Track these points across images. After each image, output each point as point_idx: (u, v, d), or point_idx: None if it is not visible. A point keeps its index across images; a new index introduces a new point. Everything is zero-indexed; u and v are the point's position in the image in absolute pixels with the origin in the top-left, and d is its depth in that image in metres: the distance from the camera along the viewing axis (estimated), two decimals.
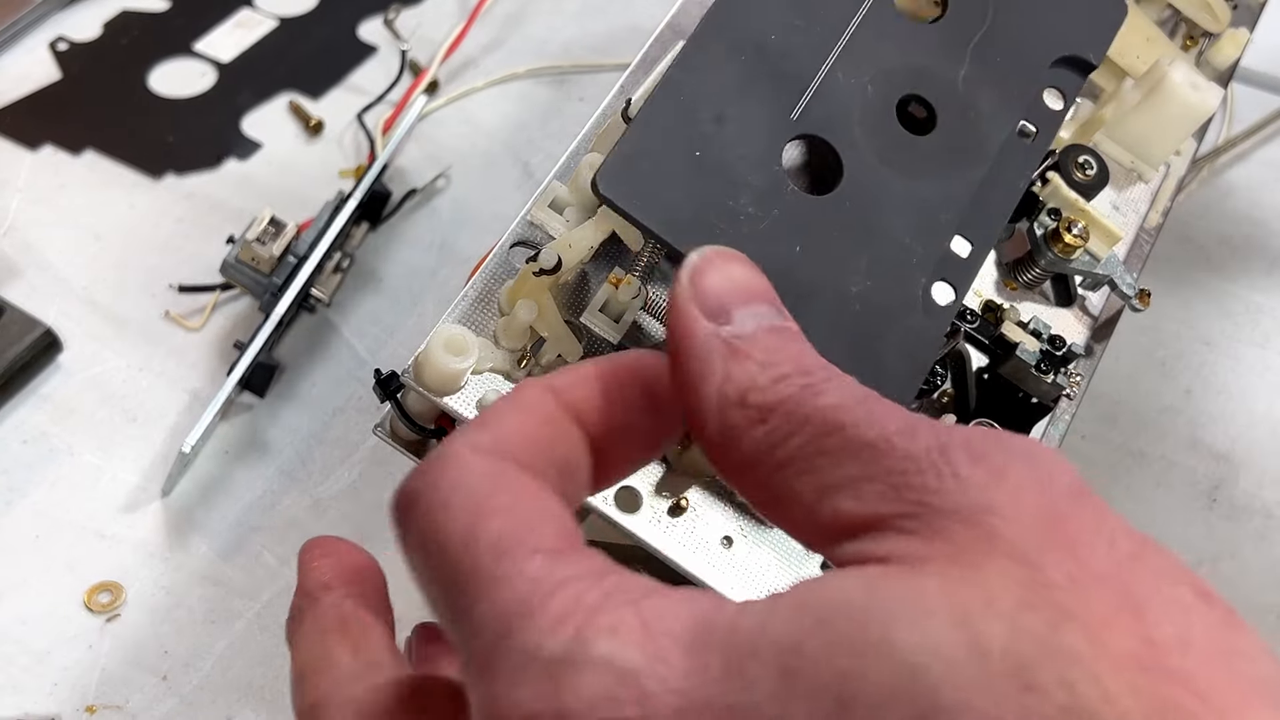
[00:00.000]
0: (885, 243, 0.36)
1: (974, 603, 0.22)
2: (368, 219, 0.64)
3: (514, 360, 0.36)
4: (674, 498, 0.37)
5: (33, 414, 0.56)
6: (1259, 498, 0.57)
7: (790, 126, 0.36)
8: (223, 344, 0.59)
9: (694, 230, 0.34)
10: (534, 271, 0.35)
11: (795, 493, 0.25)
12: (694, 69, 0.35)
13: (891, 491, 0.24)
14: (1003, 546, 0.23)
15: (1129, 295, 0.45)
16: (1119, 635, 0.22)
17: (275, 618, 0.50)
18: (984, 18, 0.38)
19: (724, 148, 0.35)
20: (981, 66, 0.38)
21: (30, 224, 0.63)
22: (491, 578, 0.25)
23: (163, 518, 0.53)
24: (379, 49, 0.74)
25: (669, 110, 0.35)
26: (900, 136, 0.37)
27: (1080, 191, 0.45)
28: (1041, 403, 0.42)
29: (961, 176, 0.37)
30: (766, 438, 0.26)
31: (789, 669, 0.22)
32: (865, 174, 0.36)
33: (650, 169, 0.34)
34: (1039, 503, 0.24)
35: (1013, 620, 0.22)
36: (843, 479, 0.25)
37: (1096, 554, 0.23)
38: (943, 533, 0.23)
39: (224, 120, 0.69)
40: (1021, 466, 0.24)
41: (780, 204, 0.35)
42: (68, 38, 0.72)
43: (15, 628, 0.49)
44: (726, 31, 0.36)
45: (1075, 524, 0.24)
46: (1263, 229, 0.68)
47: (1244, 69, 0.64)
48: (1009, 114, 0.38)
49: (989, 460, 0.24)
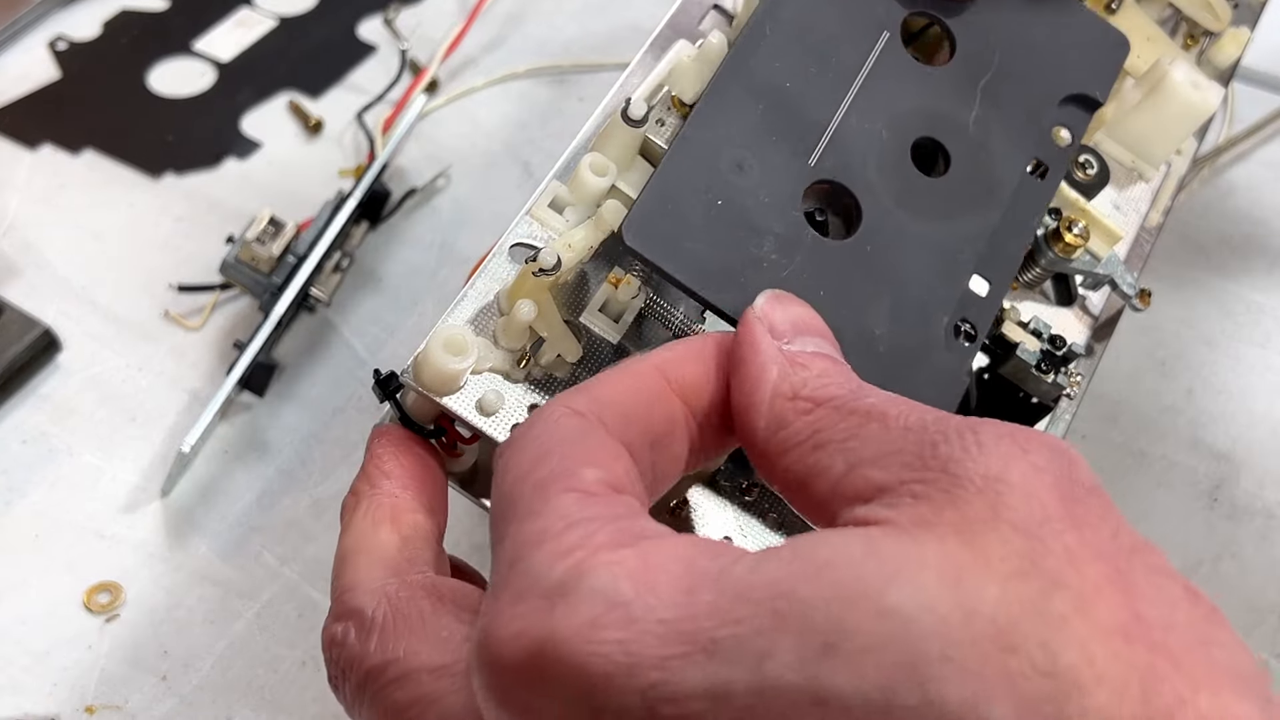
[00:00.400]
0: (906, 284, 0.36)
1: (969, 565, 0.23)
2: (367, 218, 0.64)
3: (513, 360, 0.36)
4: (674, 497, 0.37)
5: (32, 414, 0.56)
6: (1260, 498, 0.57)
7: (808, 173, 0.36)
8: (222, 344, 0.59)
9: (721, 279, 0.34)
10: (533, 271, 0.35)
11: (825, 467, 0.27)
12: (713, 118, 0.36)
13: (917, 460, 0.25)
14: (1008, 515, 0.24)
15: (1129, 295, 0.44)
16: (1108, 606, 0.23)
17: (275, 617, 0.50)
18: (991, 61, 0.39)
19: (745, 195, 0.35)
20: (991, 108, 0.39)
21: (29, 223, 0.63)
22: (529, 510, 0.27)
23: (162, 518, 0.53)
24: (379, 48, 0.74)
25: (690, 160, 0.35)
26: (916, 179, 0.38)
27: (1081, 191, 0.45)
28: (1042, 402, 0.42)
29: (977, 216, 0.38)
30: (810, 424, 0.28)
31: (780, 611, 0.23)
32: (883, 217, 0.37)
33: (674, 219, 0.34)
34: (1053, 483, 0.25)
35: (1004, 585, 0.22)
36: (874, 454, 0.26)
37: (1098, 537, 0.24)
38: (954, 499, 0.24)
39: (223, 120, 0.69)
40: (1045, 451, 0.25)
41: (802, 250, 0.35)
42: (67, 37, 0.72)
43: (15, 628, 0.49)
44: (743, 80, 0.37)
45: (1083, 509, 0.25)
46: (1263, 228, 0.68)
47: (1245, 68, 0.64)
48: (1020, 153, 0.39)
49: (1015, 438, 0.25)
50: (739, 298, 0.34)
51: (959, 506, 0.24)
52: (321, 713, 0.48)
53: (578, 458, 0.27)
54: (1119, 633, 0.22)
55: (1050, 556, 0.23)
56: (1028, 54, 0.40)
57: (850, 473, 0.26)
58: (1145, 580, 0.24)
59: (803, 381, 0.29)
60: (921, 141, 0.38)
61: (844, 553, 0.23)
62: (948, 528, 0.23)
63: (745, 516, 0.38)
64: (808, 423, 0.28)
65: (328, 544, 0.53)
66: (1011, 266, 0.39)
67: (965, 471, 0.24)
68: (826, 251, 0.36)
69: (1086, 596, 0.22)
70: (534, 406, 0.36)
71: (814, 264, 0.35)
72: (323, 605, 0.51)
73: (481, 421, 0.35)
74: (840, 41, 0.38)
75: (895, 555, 0.23)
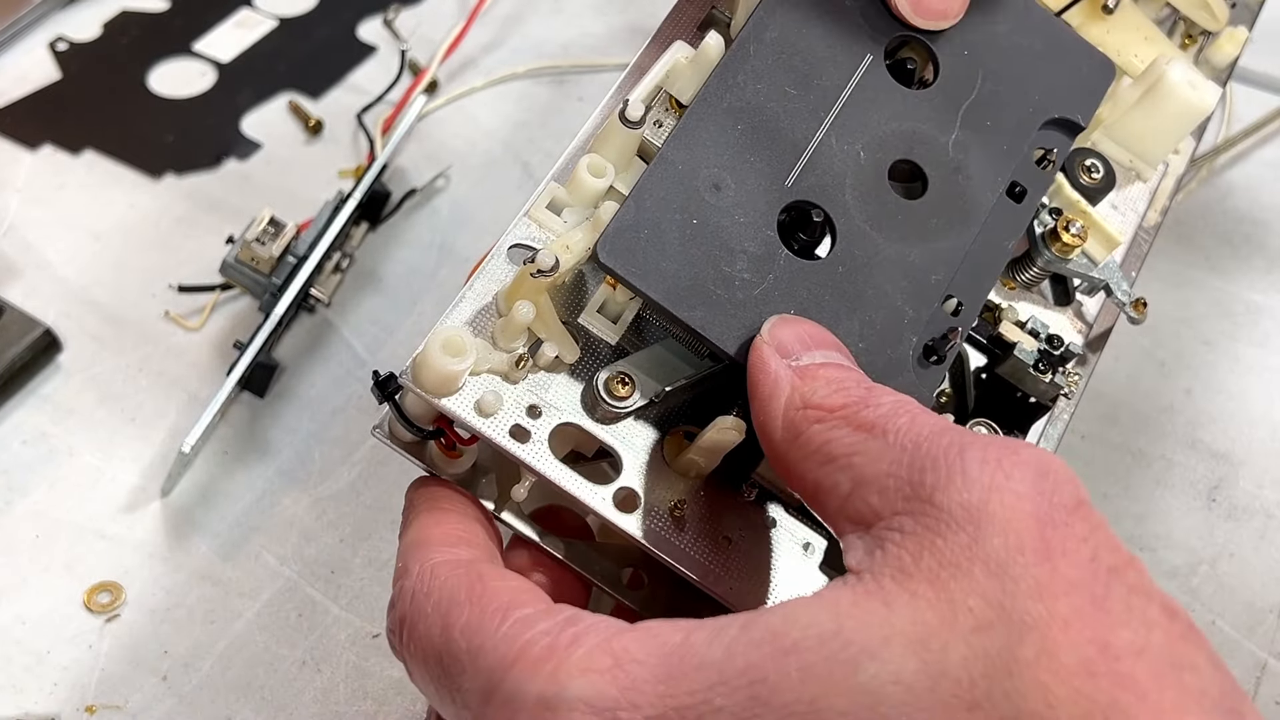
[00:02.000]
0: (877, 305, 0.37)
1: (937, 627, 0.24)
2: (367, 219, 0.64)
3: (512, 362, 0.36)
4: (672, 499, 0.37)
5: (32, 414, 0.56)
6: (1259, 497, 0.57)
7: (785, 193, 0.37)
8: (222, 344, 0.59)
9: (692, 296, 0.35)
10: (532, 273, 0.35)
11: (834, 484, 0.29)
12: (692, 138, 0.37)
13: (908, 487, 0.27)
14: (981, 553, 0.25)
15: (1124, 302, 0.44)
16: (1074, 640, 0.23)
17: (275, 617, 0.50)
18: (974, 83, 0.40)
19: (721, 215, 0.36)
20: (972, 131, 0.40)
21: (30, 224, 0.63)
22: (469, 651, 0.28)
23: (162, 518, 0.53)
24: (379, 49, 0.74)
25: (667, 179, 0.36)
26: (892, 201, 0.38)
27: (1085, 195, 0.45)
28: (1040, 402, 0.42)
29: (952, 239, 0.39)
30: (821, 434, 0.29)
31: (757, 696, 0.24)
32: (858, 238, 0.37)
33: (649, 238, 0.35)
34: (1034, 510, 0.26)
35: (969, 640, 0.23)
36: (874, 474, 0.28)
37: (1075, 562, 0.25)
38: (935, 536, 0.25)
39: (223, 120, 0.69)
40: (1029, 474, 0.26)
41: (775, 269, 0.36)
42: (67, 38, 0.72)
43: (15, 628, 0.49)
44: (724, 100, 0.38)
45: (1064, 533, 0.25)
46: (1262, 228, 0.68)
47: (1242, 68, 0.64)
48: (999, 176, 0.40)
49: (1001, 465, 0.26)
50: (709, 315, 0.35)
51: (937, 549, 0.25)
52: (321, 712, 0.48)
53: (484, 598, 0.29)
54: (1082, 670, 0.23)
55: (1019, 597, 0.24)
56: (1012, 77, 0.41)
57: (853, 494, 0.28)
58: (1122, 603, 0.24)
59: (812, 390, 0.30)
60: (899, 164, 0.39)
61: (813, 633, 0.24)
62: (923, 577, 0.25)
63: (742, 517, 0.38)
64: (819, 431, 0.29)
65: (327, 544, 0.53)
66: (984, 289, 0.39)
67: (948, 503, 0.26)
68: (799, 271, 0.37)
69: (1052, 636, 0.23)
70: (532, 408, 0.36)
71: (786, 283, 0.36)
72: (322, 605, 0.51)
73: (480, 423, 0.35)
74: (824, 64, 0.39)
75: (862, 630, 0.24)
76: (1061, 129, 0.41)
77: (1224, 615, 0.53)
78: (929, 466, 0.26)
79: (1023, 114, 0.41)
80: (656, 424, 0.38)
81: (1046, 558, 0.24)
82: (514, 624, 0.28)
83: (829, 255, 0.37)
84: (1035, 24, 0.42)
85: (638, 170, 0.39)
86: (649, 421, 0.38)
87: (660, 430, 0.38)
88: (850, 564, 0.27)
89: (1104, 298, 0.46)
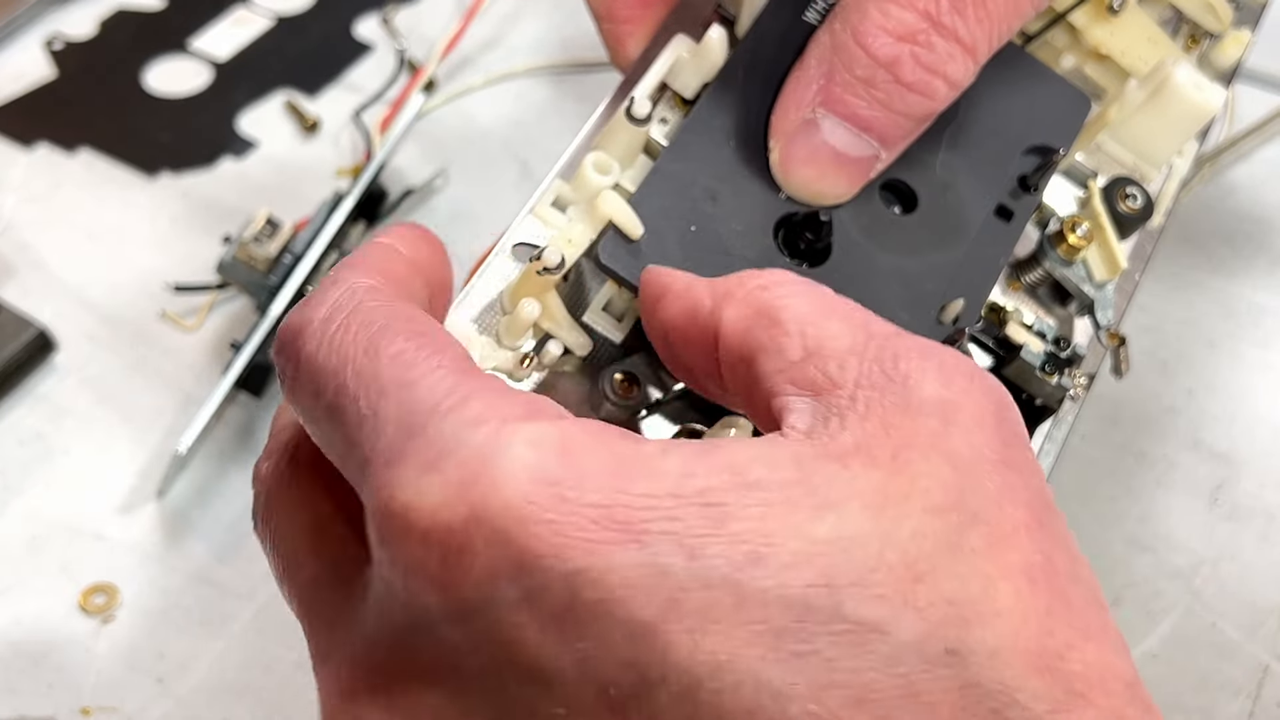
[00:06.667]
0: (874, 311, 0.37)
1: (893, 496, 0.24)
2: (365, 218, 0.64)
3: (516, 360, 0.36)
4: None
5: (27, 415, 0.56)
6: (1261, 498, 0.57)
7: (780, 205, 0.38)
8: (219, 344, 0.59)
9: None
10: (537, 270, 0.35)
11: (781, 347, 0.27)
12: (688, 153, 0.38)
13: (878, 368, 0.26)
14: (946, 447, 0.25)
15: (1100, 326, 0.44)
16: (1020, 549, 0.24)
17: (271, 619, 0.50)
18: (955, 111, 0.40)
19: (718, 223, 0.37)
20: (956, 154, 0.41)
21: (25, 223, 0.63)
22: (399, 382, 0.25)
23: (158, 519, 0.53)
24: (376, 47, 0.73)
25: (666, 188, 0.37)
26: (885, 215, 0.39)
27: (1118, 222, 0.45)
28: (1046, 404, 0.42)
29: (945, 251, 0.39)
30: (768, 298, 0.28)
31: (711, 519, 0.23)
32: (852, 249, 0.38)
33: (650, 242, 0.36)
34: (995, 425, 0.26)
35: (922, 518, 0.24)
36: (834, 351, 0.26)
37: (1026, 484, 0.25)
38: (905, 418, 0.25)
39: (220, 119, 0.69)
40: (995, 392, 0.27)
41: None
42: (63, 36, 0.72)
43: (10, 629, 0.49)
44: (720, 115, 0.38)
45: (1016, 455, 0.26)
46: (1265, 228, 0.68)
47: (1246, 68, 0.64)
48: (986, 196, 0.41)
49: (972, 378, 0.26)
50: None
51: (903, 429, 0.25)
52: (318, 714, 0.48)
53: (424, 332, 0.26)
54: (1025, 574, 0.24)
55: (977, 493, 0.24)
56: (990, 106, 0.42)
57: (806, 361, 0.26)
58: (1062, 535, 0.25)
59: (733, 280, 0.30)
60: (890, 181, 0.40)
61: (777, 477, 0.24)
62: (885, 453, 0.24)
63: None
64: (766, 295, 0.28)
65: None
66: (979, 300, 0.39)
67: (920, 390, 0.25)
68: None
69: (1003, 535, 0.24)
70: None
71: None
72: None
73: None
74: None
75: (824, 487, 0.24)
76: (1043, 156, 0.42)
77: (1226, 616, 0.53)
78: (902, 354, 0.26)
79: (1004, 141, 0.42)
80: (663, 423, 0.38)
81: (1005, 468, 0.25)
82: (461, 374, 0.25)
83: (825, 264, 0.38)
84: (1009, 58, 0.43)
85: (642, 167, 0.39)
86: (655, 420, 0.38)
87: (666, 429, 0.38)
88: (794, 424, 0.26)
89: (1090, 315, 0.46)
